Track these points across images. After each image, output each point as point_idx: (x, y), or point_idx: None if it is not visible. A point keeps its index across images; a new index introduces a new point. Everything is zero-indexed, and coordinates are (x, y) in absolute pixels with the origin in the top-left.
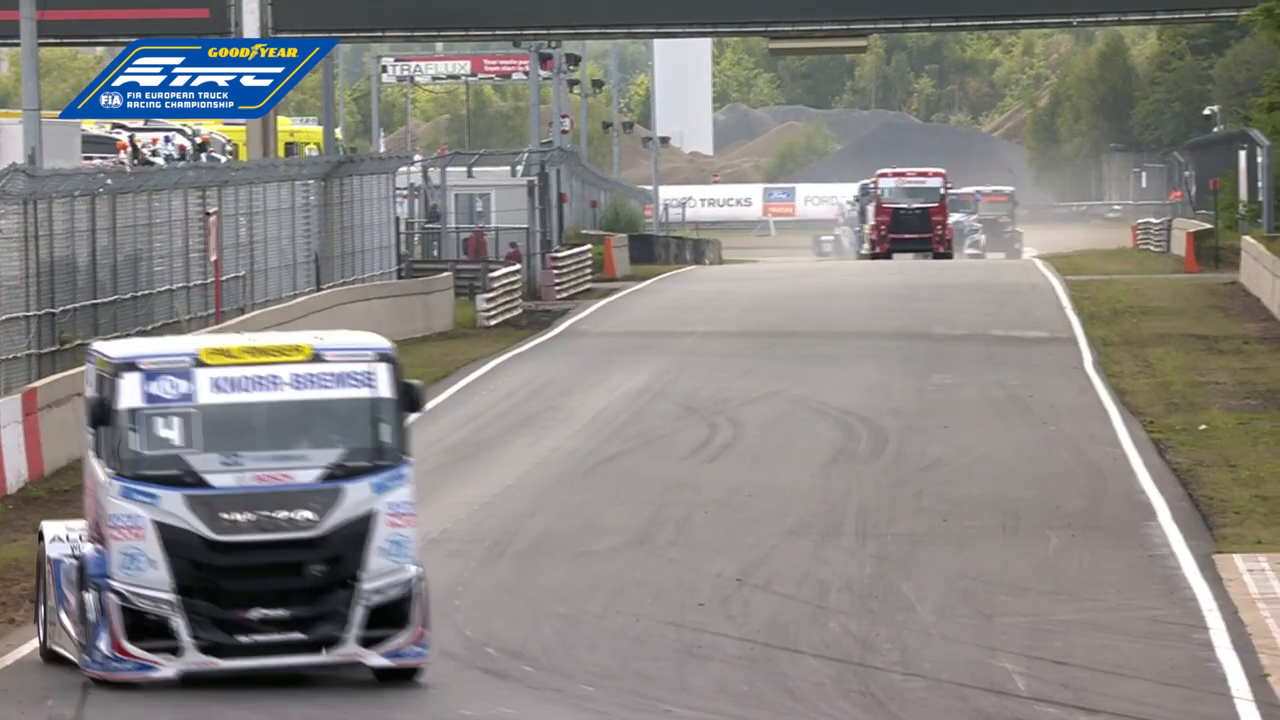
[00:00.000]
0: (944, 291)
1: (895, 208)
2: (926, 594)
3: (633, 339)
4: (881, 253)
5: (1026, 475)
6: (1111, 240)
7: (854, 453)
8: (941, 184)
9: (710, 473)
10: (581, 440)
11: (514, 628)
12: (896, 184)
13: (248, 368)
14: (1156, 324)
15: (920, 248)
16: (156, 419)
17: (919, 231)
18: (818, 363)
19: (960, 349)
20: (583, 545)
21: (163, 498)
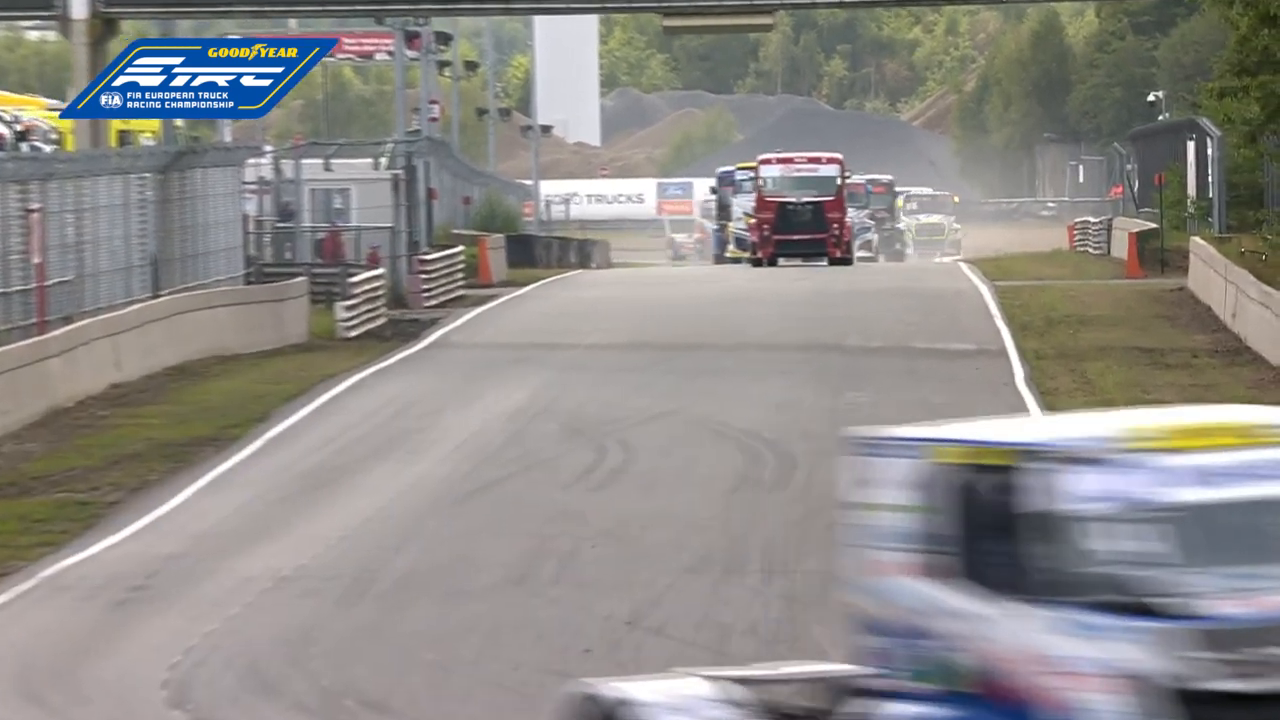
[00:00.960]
0: (859, 298)
1: (781, 202)
2: (841, 638)
3: (511, 351)
4: (764, 257)
5: None
6: (1046, 241)
7: (759, 480)
8: (838, 173)
9: (598, 502)
10: (453, 465)
11: (377, 677)
12: (783, 173)
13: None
14: (1095, 335)
15: (812, 252)
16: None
17: (811, 231)
18: (719, 378)
19: (878, 363)
20: (455, 583)
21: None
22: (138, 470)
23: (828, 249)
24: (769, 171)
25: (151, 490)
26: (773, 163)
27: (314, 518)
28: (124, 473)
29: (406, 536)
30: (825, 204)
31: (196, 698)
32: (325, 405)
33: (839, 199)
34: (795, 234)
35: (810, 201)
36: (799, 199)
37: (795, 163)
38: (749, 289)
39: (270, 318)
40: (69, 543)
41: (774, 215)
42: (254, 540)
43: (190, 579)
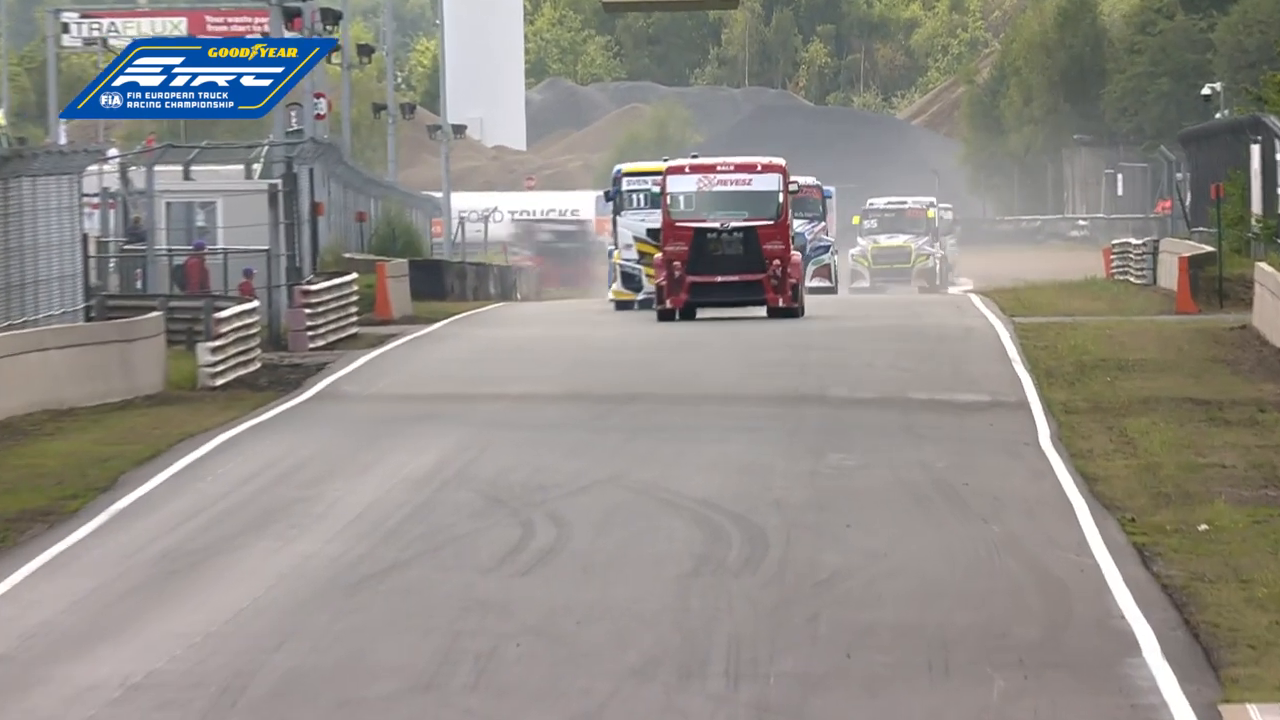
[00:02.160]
0: (845, 338)
1: (699, 228)
2: None
3: (416, 404)
4: (674, 307)
5: (960, 593)
6: (1077, 268)
7: (721, 562)
8: (779, 186)
9: (524, 589)
10: (345, 544)
11: None
12: (700, 186)
13: None
14: (1138, 383)
15: (744, 299)
16: None
17: (742, 270)
18: (671, 436)
19: (868, 418)
20: (348, 690)
21: None
22: None
23: (766, 294)
24: (679, 185)
25: None
26: (684, 172)
27: (172, 611)
28: None
29: (287, 633)
30: (762, 230)
31: None
32: (186, 471)
33: (782, 223)
34: (719, 274)
35: (741, 228)
36: (724, 224)
37: (718, 172)
38: (705, 328)
39: (117, 362)
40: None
41: (688, 247)
42: (98, 639)
43: (17, 688)
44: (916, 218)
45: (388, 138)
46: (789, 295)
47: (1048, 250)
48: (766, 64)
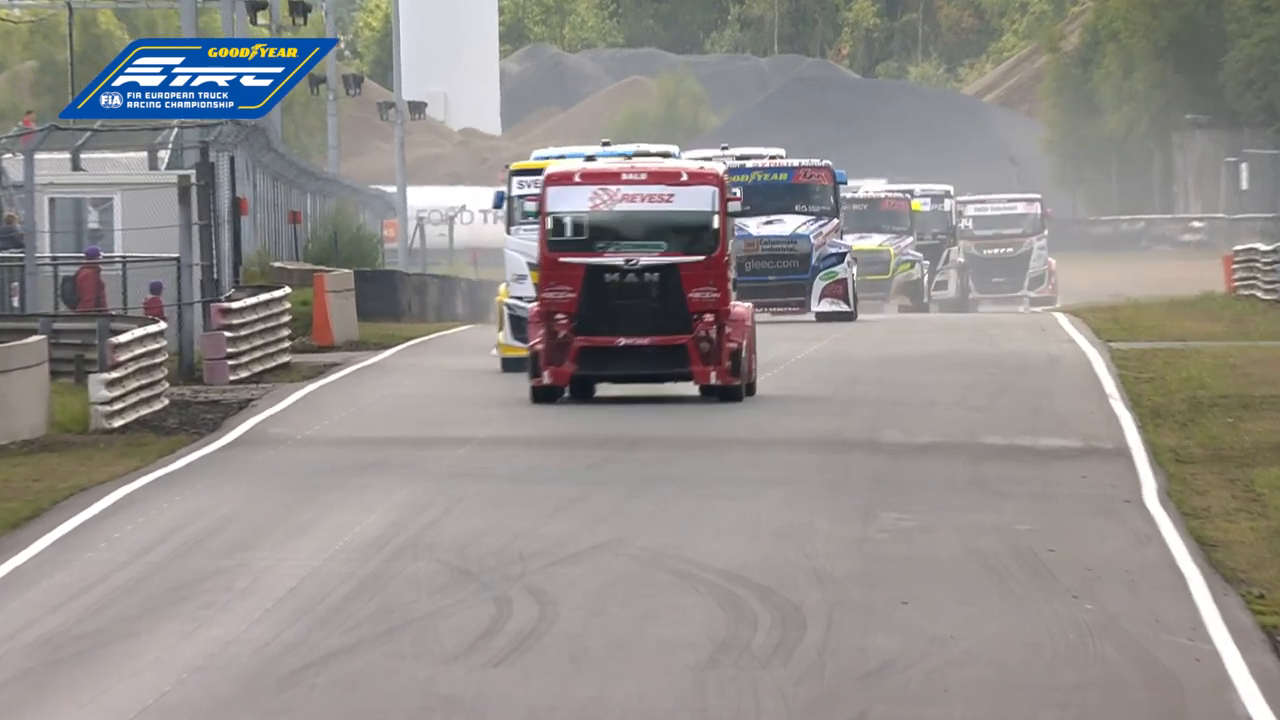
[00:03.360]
0: (900, 367)
1: (593, 265)
2: None
3: (363, 450)
4: (554, 381)
5: (1045, 687)
6: (1190, 280)
7: (748, 648)
8: (715, 203)
9: (499, 684)
10: (274, 628)
11: None
12: (596, 202)
13: None
14: (1268, 427)
15: (659, 369)
16: None
17: (655, 329)
18: (684, 491)
19: (930, 468)
20: None
21: None
22: None
23: (691, 365)
24: (564, 200)
25: None
26: (572, 181)
27: (55, 712)
28: None
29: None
30: (687, 270)
31: None
32: (73, 535)
33: (717, 260)
34: (622, 334)
35: (656, 266)
36: (631, 260)
37: (624, 182)
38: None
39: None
40: None
41: (576, 294)
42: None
43: None
44: (896, 212)
45: (327, 118)
46: (727, 368)
47: (1154, 258)
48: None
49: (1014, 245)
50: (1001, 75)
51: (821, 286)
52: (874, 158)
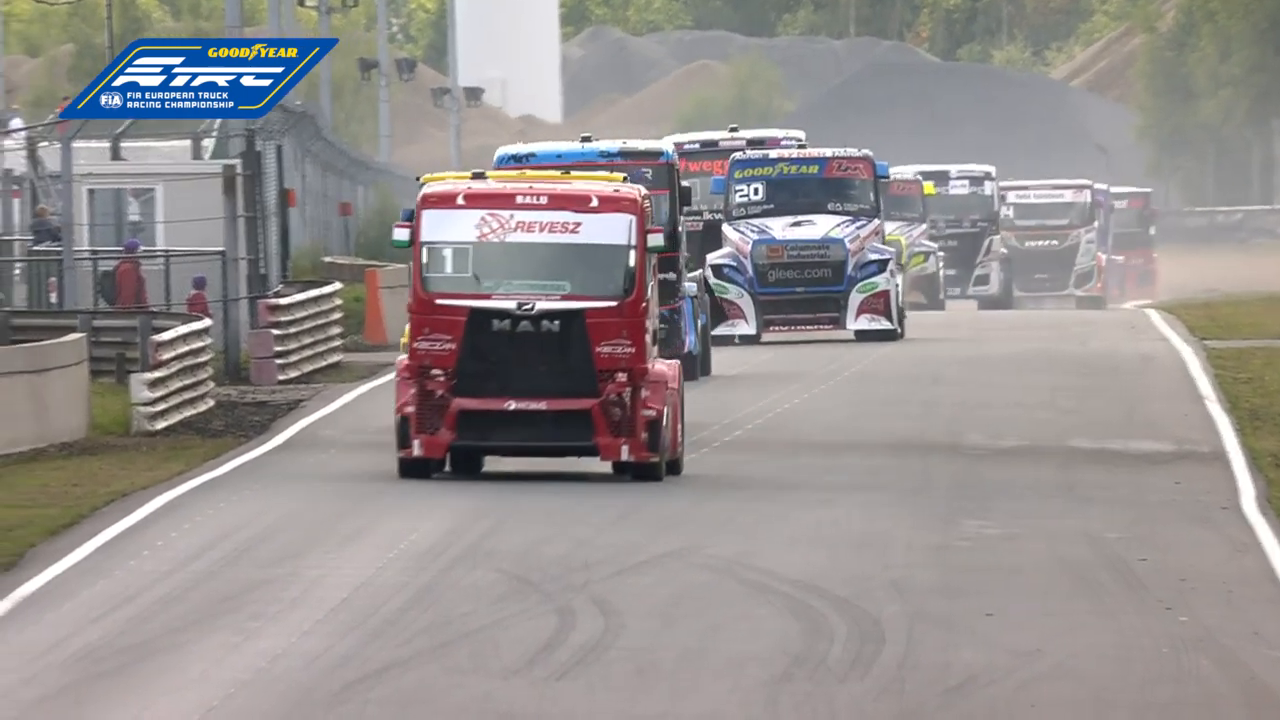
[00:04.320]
0: (983, 367)
1: (478, 310)
2: None
3: None
4: (428, 455)
5: (1138, 703)
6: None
7: (823, 662)
8: (631, 235)
9: (562, 699)
10: (327, 639)
11: None
12: (483, 232)
13: None
14: None
15: (558, 441)
16: None
17: (552, 391)
18: (755, 497)
19: (1014, 473)
20: None
21: None
22: None
23: (597, 437)
24: (444, 227)
25: None
26: (454, 203)
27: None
28: None
29: None
30: (595, 319)
31: None
32: (115, 543)
33: (634, 304)
34: (513, 395)
35: (556, 312)
36: (525, 303)
37: (519, 206)
38: (804, 353)
39: (24, 399)
40: None
41: (455, 345)
42: None
43: None
44: (905, 197)
45: (379, 104)
46: (642, 440)
47: (1253, 252)
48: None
49: (1059, 238)
50: (1091, 58)
51: (859, 300)
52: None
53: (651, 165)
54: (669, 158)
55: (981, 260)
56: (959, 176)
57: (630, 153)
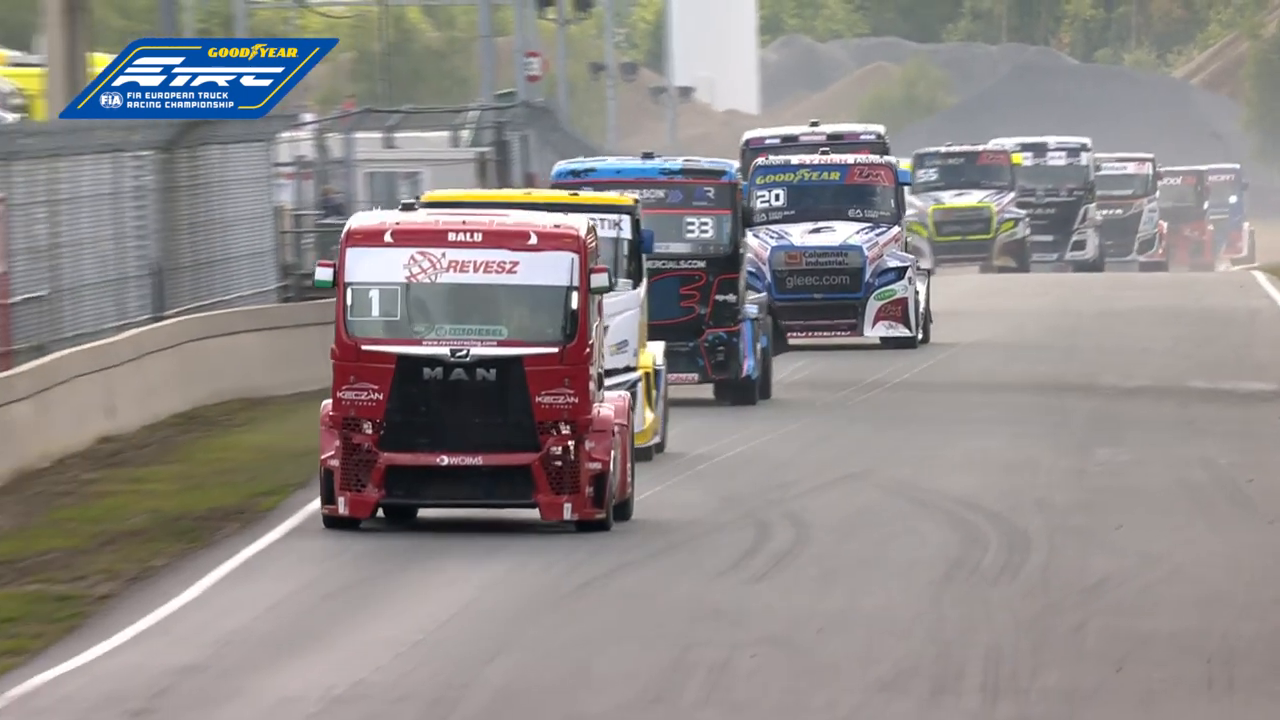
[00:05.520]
0: (1117, 320)
1: (406, 356)
2: None
3: None
4: (354, 514)
5: (1245, 603)
6: None
7: (979, 566)
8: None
9: (760, 596)
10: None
11: None
12: (413, 272)
13: None
14: None
15: (494, 498)
16: None
17: (488, 446)
18: (923, 429)
19: (1142, 409)
20: (569, 704)
21: None
22: (137, 553)
23: (537, 490)
24: (371, 266)
25: (156, 580)
26: (381, 241)
27: (376, 617)
28: (118, 556)
29: (503, 642)
30: (534, 367)
31: None
32: None
33: (577, 349)
34: (446, 449)
35: (493, 359)
36: (459, 350)
37: (450, 244)
38: (965, 307)
39: (316, 346)
40: (46, 650)
41: (383, 396)
42: (295, 648)
43: (209, 701)
44: (994, 166)
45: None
46: (587, 496)
47: None
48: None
49: (1123, 207)
50: (1206, 60)
51: (877, 307)
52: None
53: (714, 184)
54: (732, 177)
55: (1078, 227)
56: (1057, 148)
57: (692, 171)
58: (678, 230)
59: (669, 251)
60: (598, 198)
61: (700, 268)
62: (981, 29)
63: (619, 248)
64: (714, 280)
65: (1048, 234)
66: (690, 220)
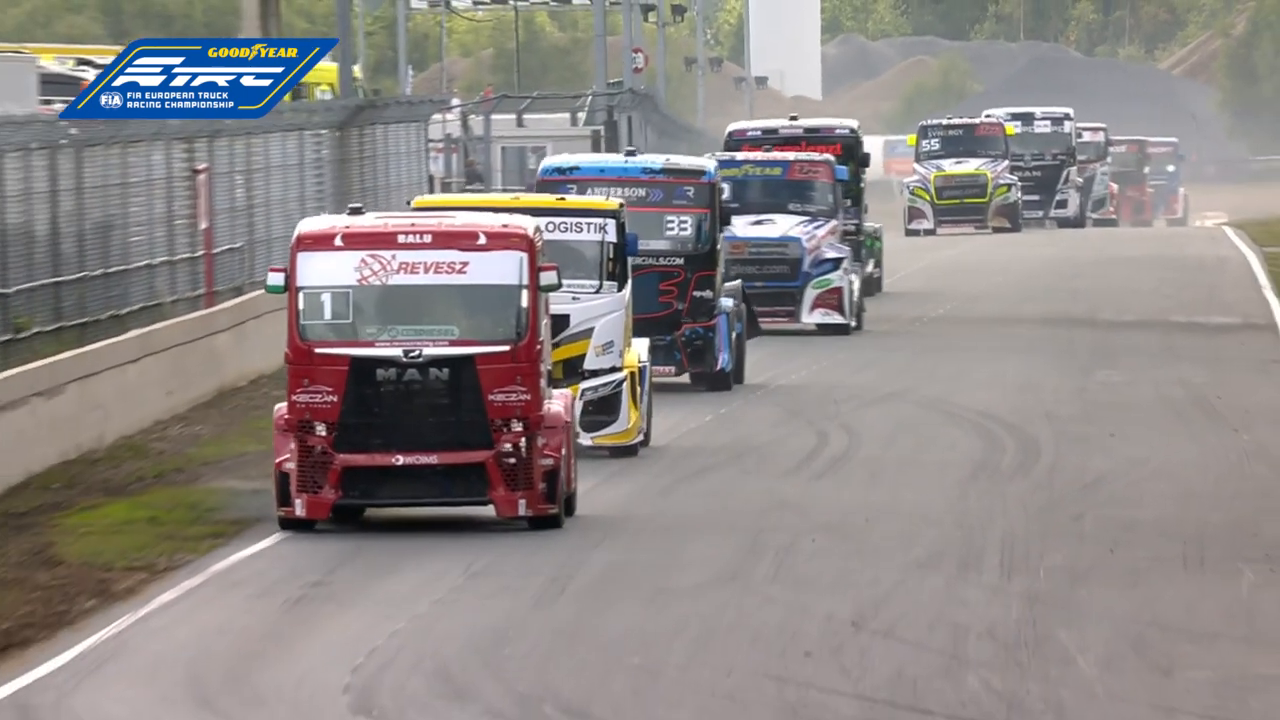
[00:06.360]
0: (1111, 267)
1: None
2: (1089, 642)
3: None
4: (310, 516)
5: (1214, 495)
6: None
7: (997, 467)
8: (522, 274)
9: (819, 491)
10: (657, 458)
11: (578, 681)
12: (363, 275)
13: None
14: None
15: (449, 495)
16: None
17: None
18: (952, 355)
19: (1132, 339)
20: (662, 580)
21: None
22: None
23: (491, 487)
24: (322, 270)
25: None
26: (331, 245)
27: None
28: None
29: (607, 532)
30: (486, 365)
31: (382, 703)
32: None
33: (527, 348)
34: (399, 449)
35: (444, 359)
36: (411, 351)
37: (400, 246)
38: (984, 258)
39: None
40: (241, 534)
41: (338, 397)
42: (443, 533)
43: (375, 574)
44: (990, 137)
45: (697, 88)
46: (540, 492)
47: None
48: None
49: (1080, 170)
50: (1186, 54)
51: (814, 296)
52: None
53: (694, 183)
54: (711, 177)
55: (1061, 188)
56: (1042, 117)
57: (673, 170)
58: (658, 228)
59: (649, 248)
60: (585, 202)
61: (679, 264)
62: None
63: (604, 250)
64: (692, 277)
65: (1034, 194)
66: (670, 218)
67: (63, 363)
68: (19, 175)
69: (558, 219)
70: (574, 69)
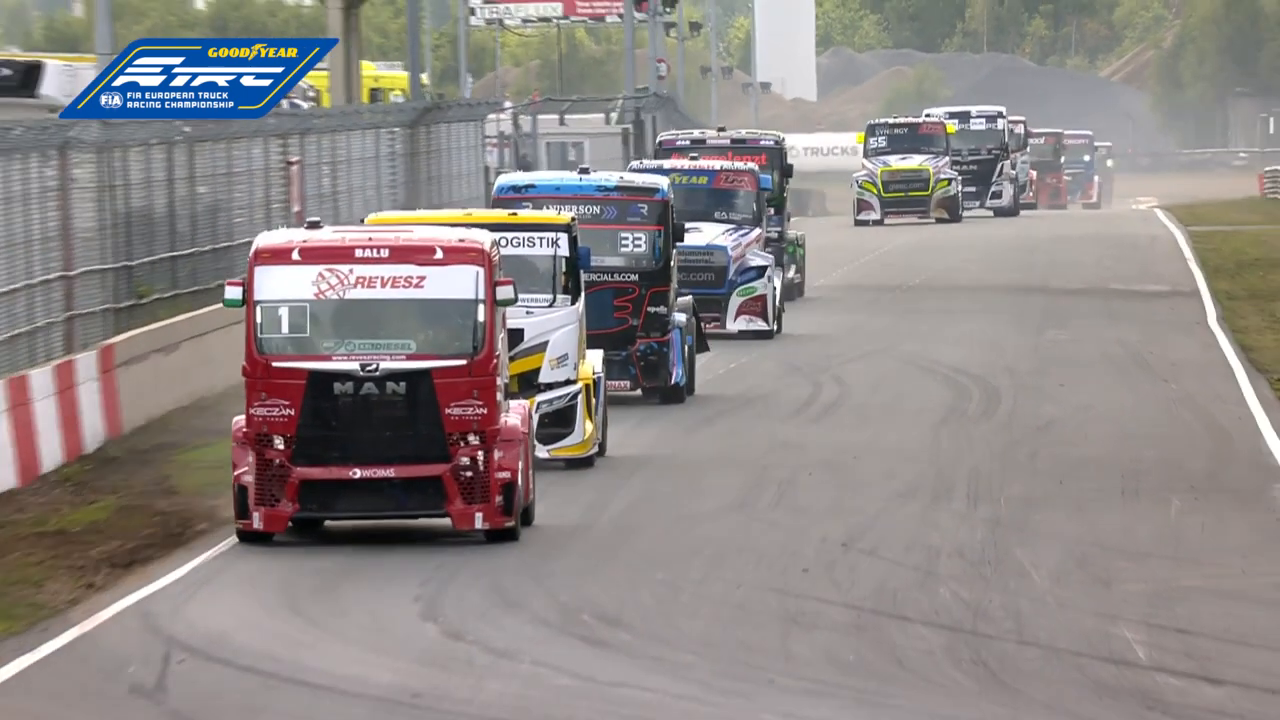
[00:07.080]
0: (1060, 244)
1: (318, 372)
2: (1042, 560)
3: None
4: (267, 529)
5: (1147, 436)
6: (1237, 190)
7: (965, 412)
8: (479, 288)
9: (815, 433)
10: (675, 408)
11: (610, 594)
12: (321, 288)
13: None
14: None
15: (406, 508)
16: None
17: (400, 457)
18: (926, 318)
19: (1077, 304)
20: (683, 507)
21: None
22: None
23: (448, 500)
24: (279, 284)
25: None
26: (289, 259)
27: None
28: None
29: (636, 467)
30: (443, 379)
31: (445, 612)
32: None
33: (484, 361)
34: (357, 462)
35: (401, 372)
36: (369, 364)
37: (358, 260)
38: (953, 236)
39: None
40: None
41: (295, 411)
42: None
43: None
44: (932, 135)
45: (711, 92)
46: (497, 506)
47: (1214, 176)
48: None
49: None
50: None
51: (739, 303)
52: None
53: (647, 201)
54: (664, 194)
55: (996, 179)
56: (978, 115)
57: (627, 188)
58: (612, 244)
59: (604, 265)
60: (536, 217)
61: (634, 280)
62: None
63: (557, 264)
64: (646, 293)
65: (971, 186)
66: (624, 235)
67: (178, 324)
68: (141, 166)
69: (510, 234)
70: (608, 76)
